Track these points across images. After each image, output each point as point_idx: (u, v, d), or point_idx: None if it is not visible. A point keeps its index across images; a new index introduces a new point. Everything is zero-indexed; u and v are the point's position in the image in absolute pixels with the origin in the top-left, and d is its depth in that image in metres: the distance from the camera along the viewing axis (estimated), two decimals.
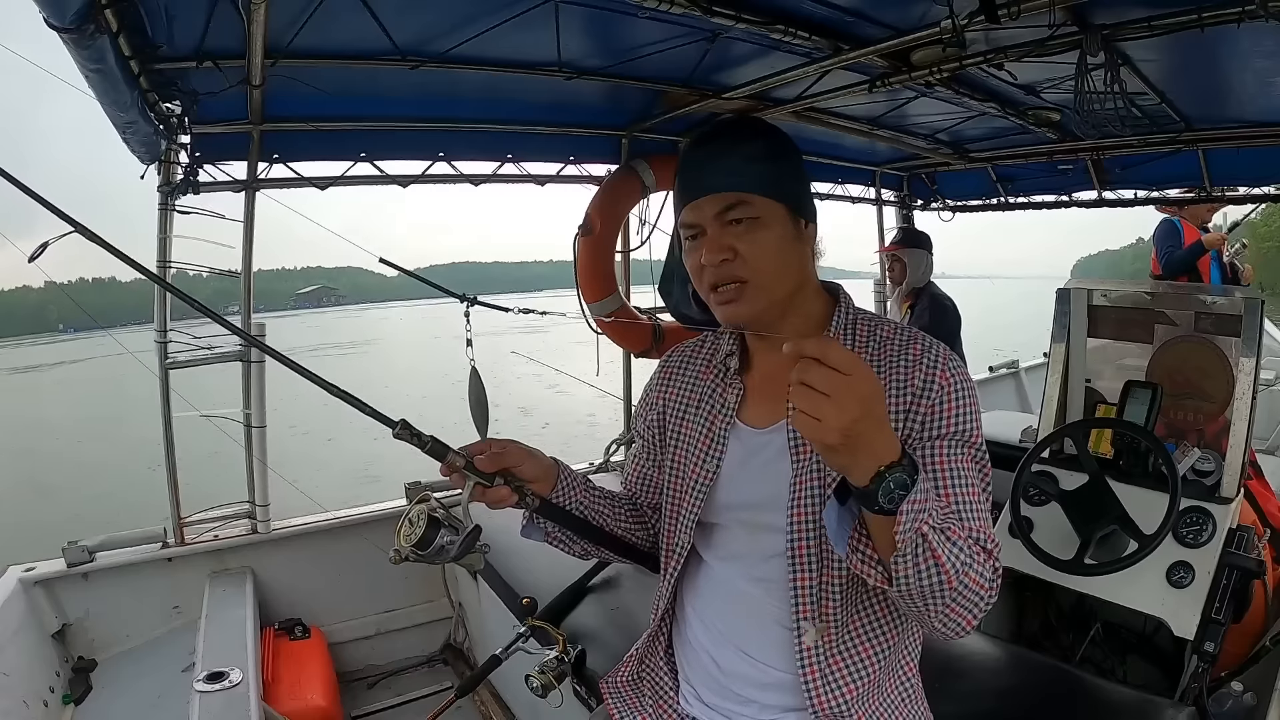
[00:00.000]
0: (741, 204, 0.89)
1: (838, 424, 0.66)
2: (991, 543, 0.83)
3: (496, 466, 0.90)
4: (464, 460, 0.87)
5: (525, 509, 0.95)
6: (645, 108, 2.40)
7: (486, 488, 0.89)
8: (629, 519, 1.10)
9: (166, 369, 2.10)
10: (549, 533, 1.02)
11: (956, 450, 0.86)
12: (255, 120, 1.96)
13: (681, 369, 1.09)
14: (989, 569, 0.79)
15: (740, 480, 0.97)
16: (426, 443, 0.85)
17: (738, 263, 0.89)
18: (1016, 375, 4.89)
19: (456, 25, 1.63)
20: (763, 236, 0.89)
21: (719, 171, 0.90)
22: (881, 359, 0.92)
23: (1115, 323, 2.16)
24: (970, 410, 0.88)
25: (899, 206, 3.82)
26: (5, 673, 1.75)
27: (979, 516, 0.84)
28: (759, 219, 0.89)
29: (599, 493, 1.06)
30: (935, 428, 0.87)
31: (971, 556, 0.76)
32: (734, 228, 0.89)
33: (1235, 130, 2.37)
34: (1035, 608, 2.02)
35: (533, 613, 1.61)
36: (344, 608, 2.45)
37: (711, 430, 1.00)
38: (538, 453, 0.97)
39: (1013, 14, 1.36)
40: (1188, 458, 1.85)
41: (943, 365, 0.89)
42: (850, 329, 0.96)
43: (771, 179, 0.90)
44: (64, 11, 1.03)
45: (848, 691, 0.92)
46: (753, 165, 0.90)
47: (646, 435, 1.11)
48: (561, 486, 1.00)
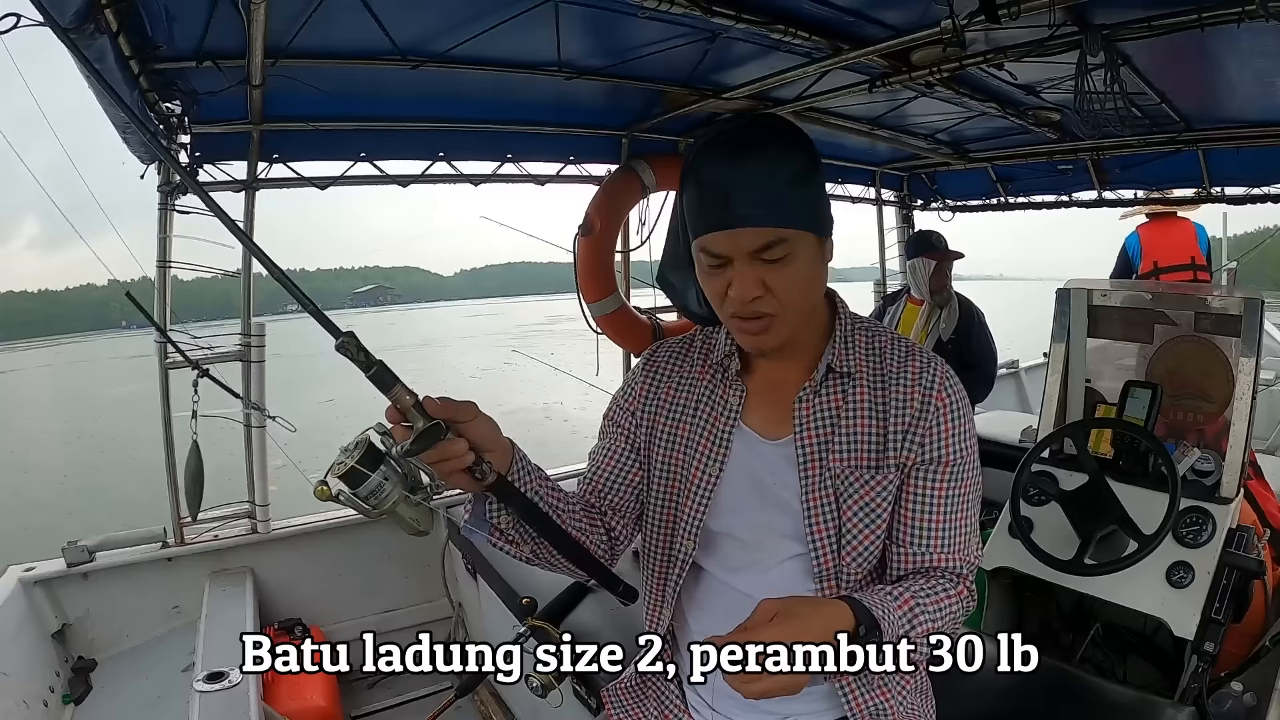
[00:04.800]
0: (779, 242, 0.82)
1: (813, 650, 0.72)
2: (970, 567, 0.91)
3: (446, 413, 0.76)
4: (412, 398, 0.75)
5: (478, 483, 0.80)
6: (645, 108, 2.41)
7: (438, 439, 0.75)
8: (583, 518, 0.97)
9: (166, 369, 2.10)
10: (496, 526, 0.88)
11: (952, 476, 0.89)
12: (255, 120, 1.96)
13: (671, 367, 1.03)
14: (961, 602, 0.89)
15: (748, 489, 0.94)
16: (372, 366, 0.73)
17: (767, 298, 0.84)
18: (1016, 375, 4.89)
19: (457, 25, 1.63)
20: (794, 270, 0.84)
21: (758, 203, 0.81)
22: (881, 373, 0.91)
23: (1115, 323, 2.16)
24: (965, 432, 0.90)
25: (899, 206, 3.83)
26: (5, 673, 1.75)
27: (965, 545, 0.91)
28: (792, 254, 0.83)
29: (553, 485, 0.93)
30: (933, 450, 0.88)
31: (944, 610, 0.85)
32: (767, 264, 0.83)
33: (1235, 130, 2.37)
34: (1035, 608, 2.02)
35: (533, 613, 1.61)
36: (344, 608, 2.45)
37: (713, 433, 0.96)
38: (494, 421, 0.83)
39: (1013, 14, 1.36)
40: (1188, 458, 1.85)
41: (939, 385, 0.89)
42: (850, 337, 0.94)
43: (810, 208, 0.84)
44: (64, 11, 1.03)
45: (881, 693, 0.94)
46: (790, 194, 0.82)
47: (627, 429, 1.02)
48: (519, 468, 0.86)
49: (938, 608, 0.84)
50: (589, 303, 2.65)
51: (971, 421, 0.91)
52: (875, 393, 0.91)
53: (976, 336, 2.89)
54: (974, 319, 2.92)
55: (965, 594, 0.89)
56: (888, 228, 3.82)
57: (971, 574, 0.91)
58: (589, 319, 2.69)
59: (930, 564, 0.89)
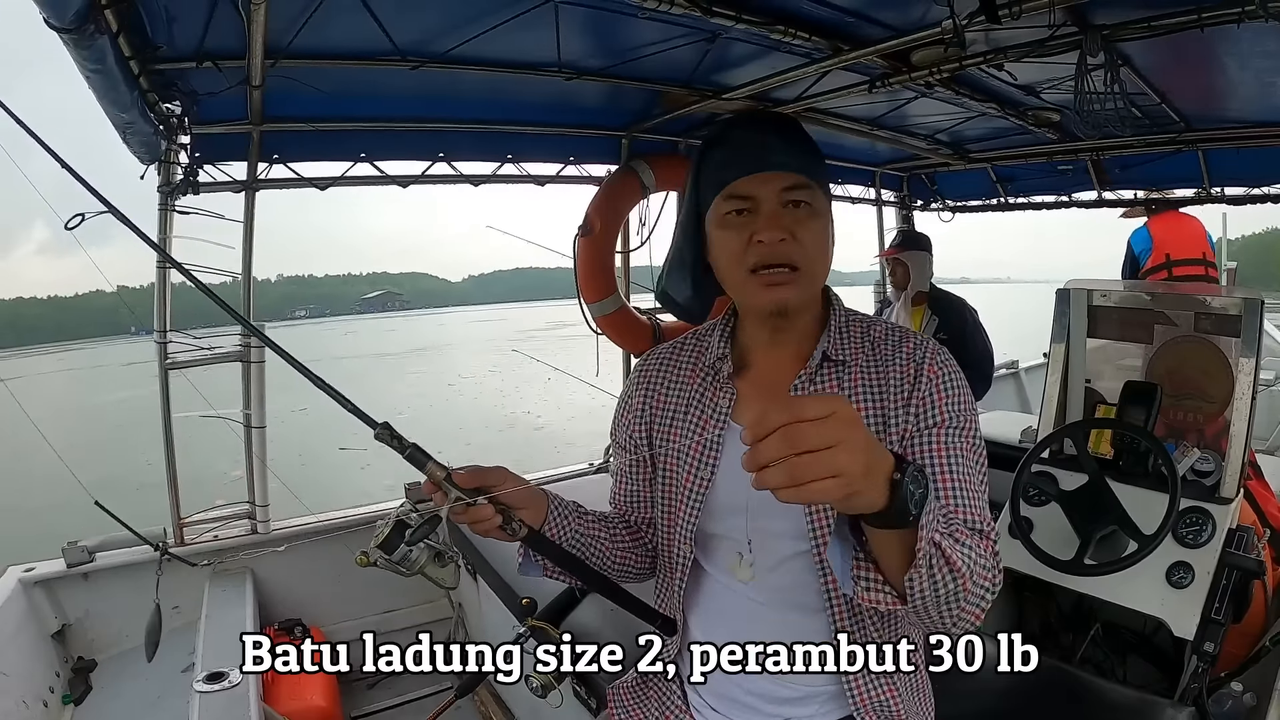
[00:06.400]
0: (806, 188, 0.87)
1: (861, 466, 0.59)
2: (989, 526, 0.84)
3: (476, 483, 0.86)
4: (444, 472, 0.84)
5: (511, 536, 0.89)
6: (645, 108, 2.40)
7: (469, 505, 0.85)
8: (626, 539, 1.05)
9: (166, 369, 2.10)
10: (545, 566, 0.97)
11: (952, 438, 0.87)
12: (255, 121, 1.96)
13: (663, 373, 1.04)
14: (991, 559, 0.78)
15: (740, 488, 0.92)
16: (407, 448, 0.82)
17: (794, 246, 0.86)
18: (1016, 375, 4.89)
19: (456, 25, 1.63)
20: (818, 226, 0.88)
21: (784, 150, 0.88)
22: (877, 357, 0.92)
23: (1115, 323, 2.16)
24: (961, 397, 0.89)
25: (899, 207, 3.82)
26: (5, 673, 1.75)
27: (977, 503, 0.85)
28: (815, 208, 0.88)
29: (592, 518, 1.01)
30: (930, 417, 0.87)
31: (978, 552, 0.74)
32: (794, 210, 0.87)
33: (1235, 130, 2.37)
34: (1035, 608, 2.02)
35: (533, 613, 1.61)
36: (344, 608, 2.45)
37: (704, 435, 0.96)
38: (526, 481, 0.93)
39: (1013, 14, 1.36)
40: (1187, 458, 1.85)
41: (930, 357, 0.90)
42: (845, 328, 0.95)
43: (824, 172, 0.91)
44: (64, 11, 1.03)
45: (888, 690, 0.93)
46: (814, 156, 0.90)
47: (629, 447, 1.05)
48: (554, 518, 0.95)
49: (969, 542, 0.74)
50: (589, 303, 2.65)
51: (968, 394, 0.90)
52: (870, 376, 0.91)
53: (971, 336, 2.92)
54: (967, 319, 2.96)
55: (991, 550, 0.79)
56: (888, 228, 3.82)
57: (993, 533, 0.83)
58: (589, 319, 2.69)
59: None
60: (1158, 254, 3.40)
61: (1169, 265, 3.38)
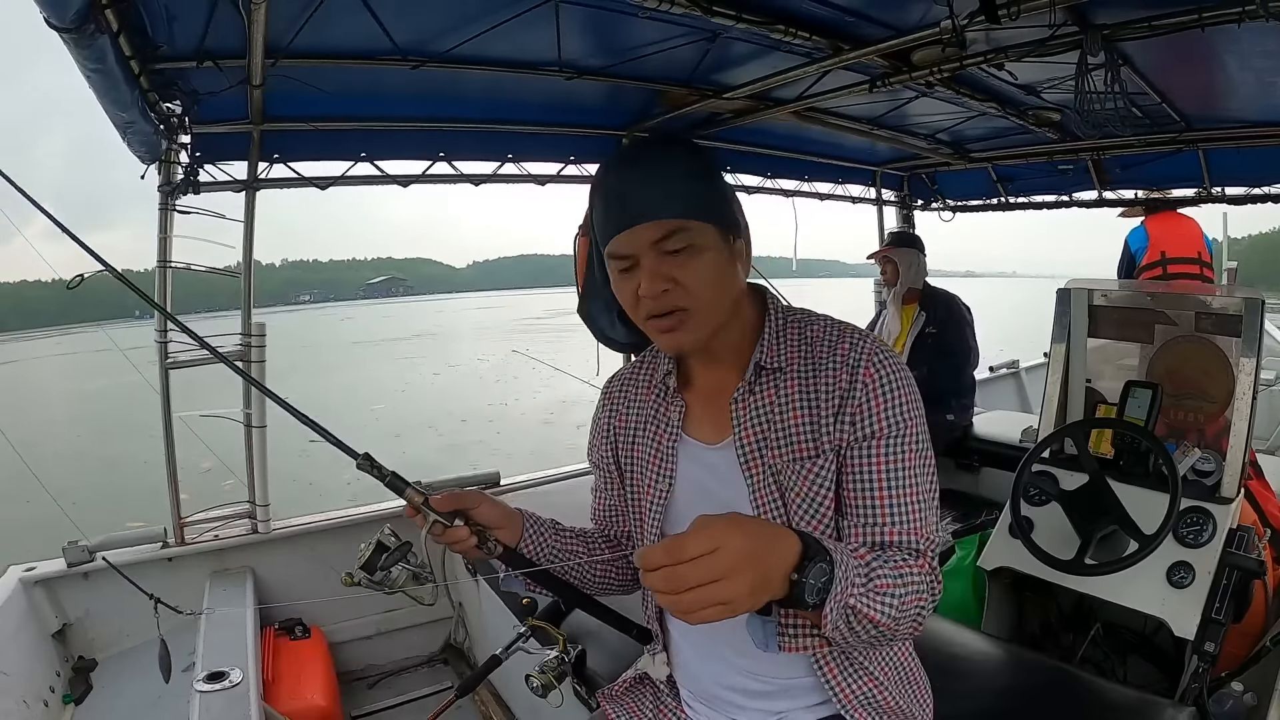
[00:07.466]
0: (679, 231, 0.84)
1: (746, 589, 0.65)
2: (928, 542, 0.85)
3: (451, 506, 0.91)
4: (421, 497, 0.89)
5: (488, 555, 0.95)
6: (645, 108, 2.40)
7: (446, 527, 0.91)
8: (606, 553, 1.09)
9: (166, 369, 2.10)
10: (528, 583, 1.02)
11: (893, 448, 0.86)
12: (255, 120, 1.96)
13: (624, 393, 1.07)
14: (926, 578, 0.82)
15: (697, 496, 0.96)
16: (386, 476, 0.89)
17: (677, 292, 0.85)
18: (1016, 375, 4.89)
19: (457, 25, 1.63)
20: (700, 263, 0.85)
21: (651, 198, 0.84)
22: (812, 360, 0.91)
23: (1115, 323, 2.16)
24: (900, 402, 0.86)
25: (899, 206, 3.83)
26: (5, 673, 1.75)
27: (917, 518, 0.86)
28: (695, 245, 0.85)
29: (570, 534, 1.07)
30: (866, 426, 0.86)
31: (908, 587, 0.79)
32: (672, 257, 0.84)
33: (1235, 130, 2.37)
34: (1035, 608, 2.02)
35: (533, 612, 1.61)
36: (344, 608, 2.45)
37: (660, 449, 0.99)
38: (501, 503, 0.98)
39: (1013, 14, 1.36)
40: (1188, 458, 1.85)
41: (866, 361, 0.87)
42: (782, 332, 0.94)
43: (704, 201, 0.86)
44: (64, 11, 1.03)
45: (868, 681, 0.93)
46: (683, 187, 0.85)
47: (603, 466, 1.09)
48: (529, 536, 1.00)
49: (898, 573, 0.79)
50: None
51: (909, 394, 0.88)
52: (805, 381, 0.90)
53: (954, 327, 3.00)
54: (952, 311, 3.03)
55: (927, 569, 0.83)
56: (888, 228, 3.82)
57: (932, 552, 0.86)
58: None
59: (882, 539, 0.86)
60: (1153, 252, 3.42)
61: (1164, 263, 3.40)
